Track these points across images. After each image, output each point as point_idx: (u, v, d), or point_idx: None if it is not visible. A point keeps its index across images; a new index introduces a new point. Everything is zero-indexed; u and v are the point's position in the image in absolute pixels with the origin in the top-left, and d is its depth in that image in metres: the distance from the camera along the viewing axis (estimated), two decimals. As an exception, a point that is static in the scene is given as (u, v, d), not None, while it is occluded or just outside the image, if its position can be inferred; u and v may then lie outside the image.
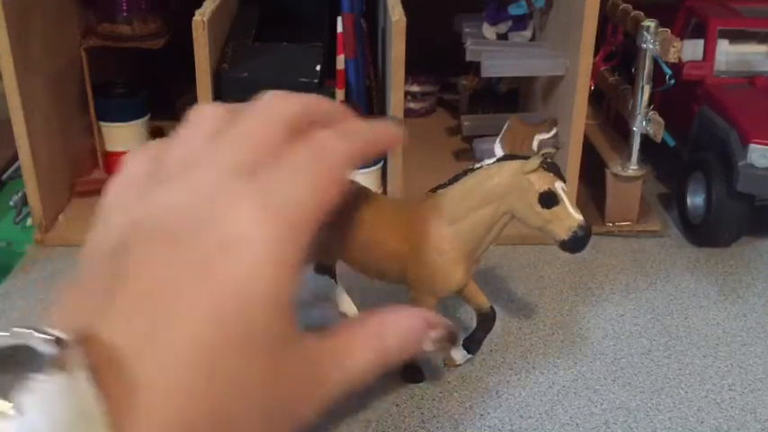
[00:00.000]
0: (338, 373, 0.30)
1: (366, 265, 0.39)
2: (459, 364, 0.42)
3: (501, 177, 0.36)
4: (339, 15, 0.56)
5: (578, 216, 0.36)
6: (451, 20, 0.67)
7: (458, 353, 0.42)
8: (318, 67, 0.53)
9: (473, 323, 0.42)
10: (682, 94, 0.57)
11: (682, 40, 0.51)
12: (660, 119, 0.52)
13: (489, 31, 0.62)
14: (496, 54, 0.58)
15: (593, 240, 0.38)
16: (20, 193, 0.54)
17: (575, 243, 0.36)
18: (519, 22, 0.62)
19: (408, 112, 0.65)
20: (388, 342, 0.33)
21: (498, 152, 0.38)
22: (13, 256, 0.52)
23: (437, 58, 0.67)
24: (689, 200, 0.56)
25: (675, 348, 0.44)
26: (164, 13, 0.60)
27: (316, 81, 0.52)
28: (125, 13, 0.58)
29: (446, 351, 0.41)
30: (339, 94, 0.57)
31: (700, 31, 0.58)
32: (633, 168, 0.54)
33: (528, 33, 0.62)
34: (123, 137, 0.60)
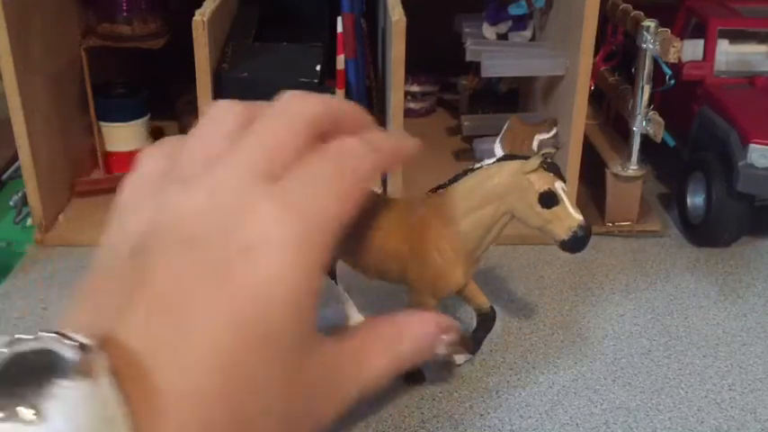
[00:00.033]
0: (355, 378, 0.30)
1: (366, 265, 0.39)
2: (459, 365, 0.42)
3: (501, 177, 0.36)
4: (339, 15, 0.56)
5: (578, 216, 0.36)
6: (451, 20, 0.67)
7: (458, 353, 0.42)
8: (318, 67, 0.53)
9: (473, 323, 0.42)
10: (682, 94, 0.57)
11: (682, 40, 0.51)
12: (660, 119, 0.52)
13: (489, 31, 0.62)
14: (496, 54, 0.58)
15: (593, 240, 0.38)
16: (20, 193, 0.54)
17: (575, 243, 0.36)
18: (519, 22, 0.62)
19: (408, 112, 0.65)
20: (403, 347, 0.33)
21: (498, 152, 0.38)
22: (13, 256, 0.52)
23: (437, 58, 0.67)
24: (689, 200, 0.56)
25: (675, 348, 0.44)
26: (164, 13, 0.60)
27: (316, 81, 0.52)
28: (125, 13, 0.58)
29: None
30: (339, 94, 0.57)
31: (700, 31, 0.58)
32: (633, 168, 0.54)
33: (528, 33, 0.62)
34: (123, 137, 0.60)
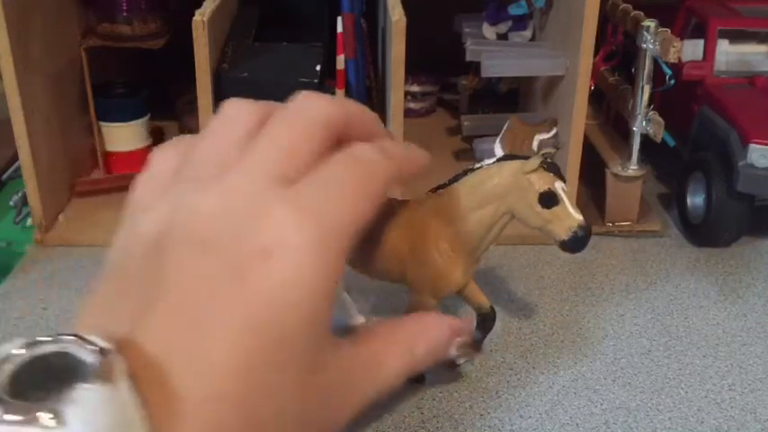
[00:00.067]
0: (371, 381, 0.30)
1: (366, 265, 0.39)
2: (459, 364, 0.42)
3: (501, 177, 0.36)
4: (339, 15, 0.56)
5: (578, 216, 0.36)
6: (451, 20, 0.67)
7: (468, 355, 0.42)
8: (318, 67, 0.53)
9: (473, 323, 0.42)
10: (682, 94, 0.57)
11: (682, 40, 0.51)
12: (660, 119, 0.52)
13: (489, 31, 0.62)
14: (496, 54, 0.58)
15: (593, 240, 0.38)
16: (20, 193, 0.54)
17: (575, 243, 0.36)
18: (519, 22, 0.62)
19: (408, 112, 0.65)
20: (416, 350, 0.33)
21: (498, 152, 0.38)
22: (13, 256, 0.52)
23: (437, 58, 0.67)
24: (689, 200, 0.56)
25: (675, 348, 0.44)
26: (164, 13, 0.60)
27: (316, 81, 0.52)
28: (125, 13, 0.58)
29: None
30: (339, 94, 0.57)
31: (700, 31, 0.58)
32: (633, 168, 0.54)
33: (528, 33, 0.62)
34: (123, 137, 0.60)
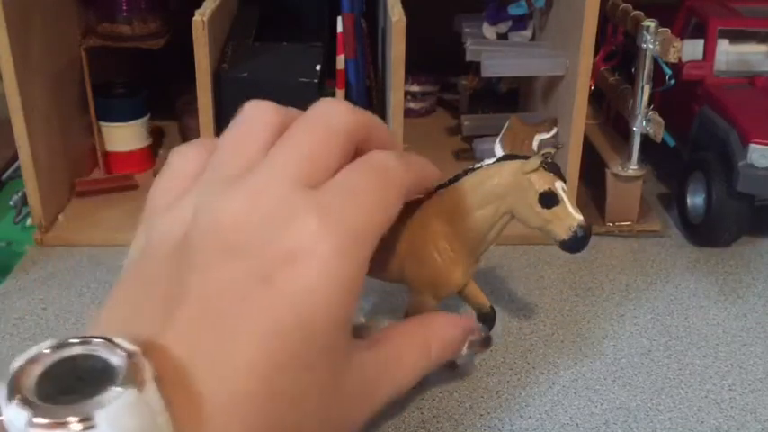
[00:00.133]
0: (389, 382, 0.31)
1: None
2: (459, 365, 0.42)
3: (501, 177, 0.36)
4: (339, 15, 0.56)
5: (578, 216, 0.36)
6: (451, 20, 0.67)
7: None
8: (318, 67, 0.53)
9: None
10: (682, 94, 0.57)
11: (682, 40, 0.51)
12: (660, 119, 0.52)
13: (489, 31, 0.62)
14: (496, 54, 0.58)
15: (593, 240, 0.38)
16: (20, 193, 0.54)
17: (575, 243, 0.36)
18: (519, 22, 0.62)
19: (408, 112, 0.65)
20: (432, 350, 0.33)
21: (498, 152, 0.38)
22: (13, 256, 0.52)
23: (437, 58, 0.67)
24: (689, 200, 0.56)
25: (675, 348, 0.44)
26: (164, 13, 0.60)
27: (316, 81, 0.52)
28: (125, 13, 0.58)
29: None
30: (339, 94, 0.57)
31: (700, 31, 0.58)
32: (633, 168, 0.54)
33: (528, 33, 0.62)
34: (123, 137, 0.60)
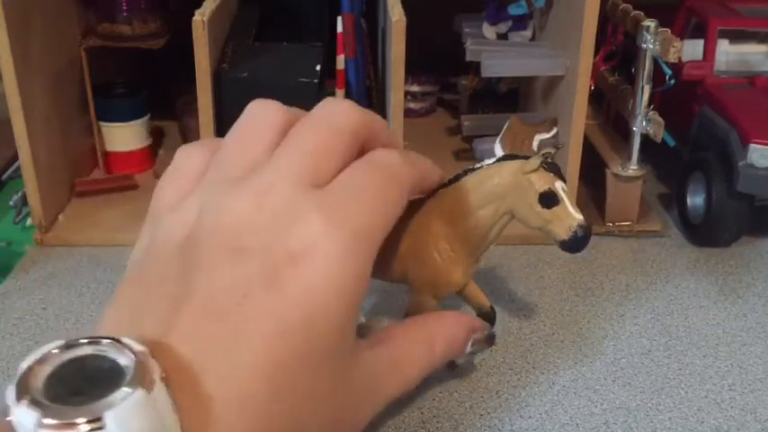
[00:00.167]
0: (394, 382, 0.31)
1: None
2: (459, 365, 0.42)
3: (501, 177, 0.36)
4: (339, 15, 0.56)
5: (578, 216, 0.36)
6: (451, 20, 0.67)
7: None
8: (318, 67, 0.53)
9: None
10: (682, 94, 0.57)
11: (682, 40, 0.51)
12: (660, 119, 0.52)
13: (489, 31, 0.62)
14: (496, 54, 0.58)
15: (593, 240, 0.38)
16: (20, 193, 0.54)
17: (575, 243, 0.36)
18: (519, 22, 0.62)
19: (408, 112, 0.65)
20: (436, 349, 0.33)
21: (498, 152, 0.38)
22: (13, 256, 0.52)
23: (437, 58, 0.67)
24: (689, 200, 0.56)
25: (675, 348, 0.44)
26: (164, 13, 0.60)
27: (316, 81, 0.52)
28: (125, 13, 0.58)
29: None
30: (339, 94, 0.57)
31: (700, 31, 0.58)
32: (633, 168, 0.54)
33: (528, 33, 0.62)
34: (123, 137, 0.60)
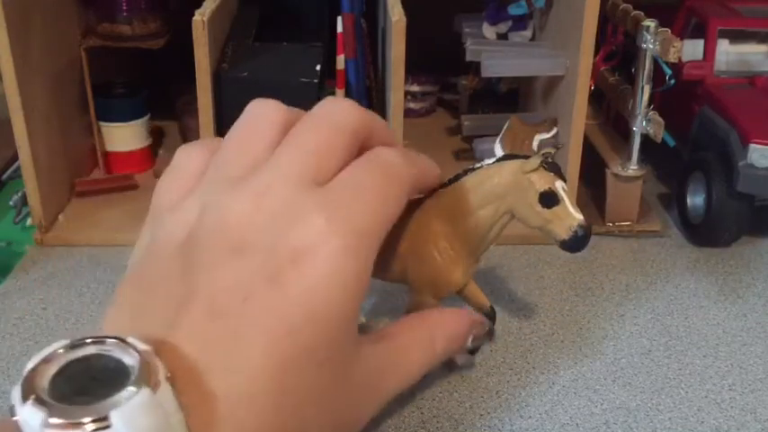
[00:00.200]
0: (396, 378, 0.31)
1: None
2: (460, 365, 0.42)
3: (501, 177, 0.36)
4: (339, 15, 0.56)
5: (579, 215, 0.36)
6: (451, 20, 0.67)
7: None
8: (318, 67, 0.53)
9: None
10: (682, 94, 0.57)
11: (682, 40, 0.51)
12: (660, 119, 0.52)
13: (489, 31, 0.62)
14: (496, 54, 0.58)
15: (593, 240, 0.38)
16: (20, 193, 0.54)
17: (575, 243, 0.36)
18: (519, 22, 0.62)
19: (408, 112, 0.65)
20: (437, 344, 0.33)
21: (498, 152, 0.38)
22: (13, 256, 0.52)
23: (437, 58, 0.67)
24: (689, 200, 0.56)
25: (675, 348, 0.44)
26: (164, 13, 0.60)
27: (316, 81, 0.52)
28: (125, 13, 0.58)
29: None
30: (339, 94, 0.57)
31: (700, 31, 0.58)
32: (633, 168, 0.54)
33: (528, 33, 0.62)
34: (123, 137, 0.60)
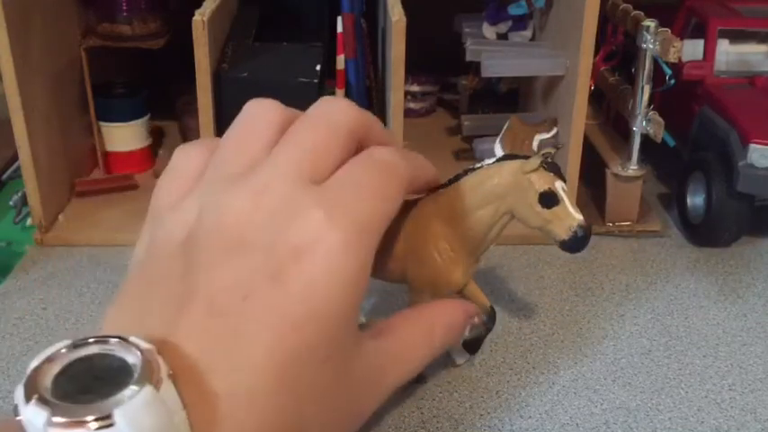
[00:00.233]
0: (396, 371, 0.31)
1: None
2: (460, 365, 0.42)
3: (501, 177, 0.36)
4: (339, 15, 0.56)
5: (578, 216, 0.36)
6: (451, 20, 0.67)
7: (459, 353, 0.42)
8: (318, 67, 0.53)
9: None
10: (682, 94, 0.57)
11: (682, 40, 0.51)
12: (660, 119, 0.52)
13: (489, 31, 0.62)
14: (496, 54, 0.58)
15: (593, 240, 0.38)
16: (20, 193, 0.54)
17: (575, 243, 0.36)
18: (519, 22, 0.62)
19: (408, 112, 0.65)
20: (436, 337, 0.33)
21: (498, 152, 0.38)
22: (13, 256, 0.52)
23: (437, 58, 0.67)
24: (689, 200, 0.56)
25: (675, 348, 0.44)
26: (164, 13, 0.60)
27: (316, 81, 0.52)
28: (125, 13, 0.58)
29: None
30: (339, 94, 0.57)
31: (700, 31, 0.58)
32: (633, 168, 0.54)
33: (528, 33, 0.62)
34: (123, 137, 0.60)
